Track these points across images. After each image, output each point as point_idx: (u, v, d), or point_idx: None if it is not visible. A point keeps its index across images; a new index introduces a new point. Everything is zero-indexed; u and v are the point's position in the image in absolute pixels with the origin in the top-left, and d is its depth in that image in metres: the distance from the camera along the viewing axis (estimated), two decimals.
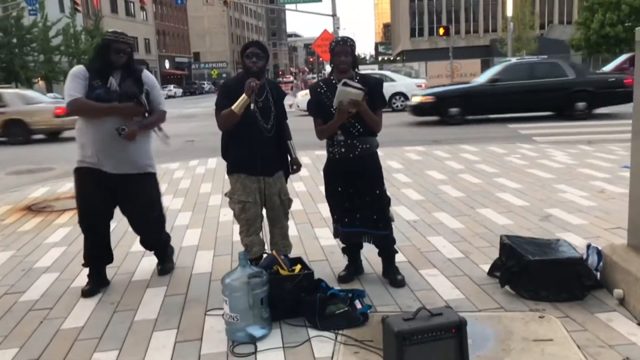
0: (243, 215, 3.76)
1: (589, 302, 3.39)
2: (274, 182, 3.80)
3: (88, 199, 3.87)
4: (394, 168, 8.11)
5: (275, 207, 3.85)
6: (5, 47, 32.10)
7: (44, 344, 3.22)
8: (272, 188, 3.80)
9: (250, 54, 3.62)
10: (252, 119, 3.64)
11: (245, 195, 3.72)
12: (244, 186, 3.72)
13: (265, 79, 3.77)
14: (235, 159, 3.75)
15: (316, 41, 23.24)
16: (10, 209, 6.70)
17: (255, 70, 3.61)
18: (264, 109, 3.70)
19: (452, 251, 4.44)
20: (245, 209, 3.74)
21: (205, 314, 3.50)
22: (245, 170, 3.71)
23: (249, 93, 3.50)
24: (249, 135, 3.67)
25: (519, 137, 11.76)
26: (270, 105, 3.74)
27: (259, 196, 3.76)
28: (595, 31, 28.27)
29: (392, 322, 2.61)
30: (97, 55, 3.93)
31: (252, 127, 3.66)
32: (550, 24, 54.16)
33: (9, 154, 13.31)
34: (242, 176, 3.73)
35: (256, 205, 3.76)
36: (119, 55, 3.78)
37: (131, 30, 58.38)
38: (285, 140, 3.89)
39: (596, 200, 5.78)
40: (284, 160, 3.91)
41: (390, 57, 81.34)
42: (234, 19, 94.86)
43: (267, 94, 3.75)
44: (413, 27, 62.17)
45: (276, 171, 3.81)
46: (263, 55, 3.64)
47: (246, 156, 3.70)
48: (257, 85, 3.52)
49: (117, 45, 3.78)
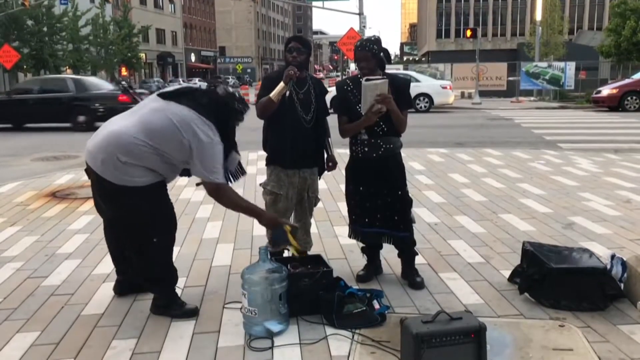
0: (273, 208, 3.79)
1: (611, 313, 3.33)
2: (307, 177, 3.83)
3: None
4: (416, 169, 8.07)
5: (303, 202, 3.88)
6: (36, 35, 32.59)
7: (64, 329, 3.26)
8: (304, 183, 3.83)
9: (291, 49, 3.69)
10: (292, 109, 3.69)
11: (278, 187, 3.76)
12: (278, 178, 3.76)
13: (308, 74, 3.83)
14: (274, 148, 3.79)
15: (342, 39, 23.15)
16: (35, 195, 6.81)
17: (295, 64, 3.67)
18: (304, 101, 3.74)
19: (472, 255, 4.40)
20: (276, 201, 3.78)
21: (223, 306, 3.52)
22: (282, 160, 3.76)
23: (286, 80, 3.57)
24: (289, 124, 3.72)
25: (544, 143, 11.62)
26: (312, 99, 3.79)
27: (292, 190, 3.79)
28: (626, 38, 27.76)
29: (411, 324, 2.60)
30: (220, 124, 3.20)
31: (292, 117, 3.71)
32: (580, 30, 53.31)
33: (35, 140, 13.52)
34: (278, 168, 3.77)
35: (287, 199, 3.79)
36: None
37: (158, 22, 59.12)
38: (324, 137, 3.91)
39: (621, 210, 5.69)
40: (320, 156, 3.94)
41: (415, 58, 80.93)
42: (260, 14, 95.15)
43: (309, 88, 3.80)
44: (440, 28, 61.67)
45: (312, 165, 3.83)
46: (304, 50, 3.70)
47: (284, 145, 3.74)
48: (295, 74, 3.58)
49: (242, 117, 3.31)
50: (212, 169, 3.11)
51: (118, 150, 3.08)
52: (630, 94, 19.47)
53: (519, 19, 59.05)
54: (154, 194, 3.22)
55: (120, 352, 2.98)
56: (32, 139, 13.74)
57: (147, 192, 3.17)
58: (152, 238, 3.24)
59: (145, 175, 3.14)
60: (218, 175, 3.13)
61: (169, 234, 3.34)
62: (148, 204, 3.20)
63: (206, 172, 3.12)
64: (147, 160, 3.11)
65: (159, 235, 3.26)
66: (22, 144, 12.92)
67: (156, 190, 3.22)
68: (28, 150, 11.58)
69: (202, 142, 3.07)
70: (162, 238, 3.29)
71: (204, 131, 3.08)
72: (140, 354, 2.97)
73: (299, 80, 3.74)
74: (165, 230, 3.31)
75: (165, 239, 3.32)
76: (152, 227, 3.24)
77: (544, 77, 25.81)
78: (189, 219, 5.57)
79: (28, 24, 32.49)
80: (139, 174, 3.12)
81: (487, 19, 60.12)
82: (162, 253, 3.33)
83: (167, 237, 3.34)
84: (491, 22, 60.17)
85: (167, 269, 3.40)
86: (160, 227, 3.27)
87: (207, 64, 76.19)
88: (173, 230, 3.38)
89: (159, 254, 3.32)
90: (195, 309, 3.43)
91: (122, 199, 3.15)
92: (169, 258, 3.39)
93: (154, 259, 3.31)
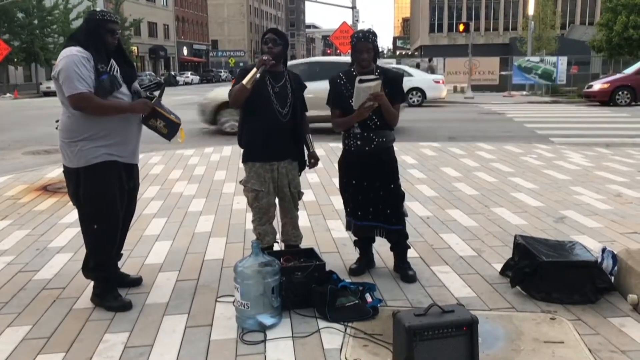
0: (256, 204, 3.78)
1: (602, 306, 3.36)
2: (286, 172, 3.80)
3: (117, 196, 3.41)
4: (408, 163, 8.08)
5: (286, 198, 3.86)
6: (26, 28, 32.34)
7: (56, 322, 3.25)
8: (284, 179, 3.80)
9: (267, 40, 3.70)
10: (267, 103, 3.67)
11: (259, 184, 3.73)
12: (258, 175, 3.73)
13: (287, 70, 3.81)
14: (248, 142, 3.76)
15: (334, 33, 23.06)
16: (26, 188, 6.76)
17: (270, 56, 3.64)
18: (280, 95, 3.71)
19: (464, 249, 4.41)
20: (258, 198, 3.75)
21: (216, 300, 3.52)
22: (257, 155, 3.72)
23: (259, 65, 3.55)
24: (263, 117, 3.69)
25: (536, 137, 11.66)
26: (288, 93, 3.75)
27: (273, 186, 3.77)
28: (617, 33, 27.87)
29: (403, 317, 2.61)
30: (90, 36, 3.30)
31: (267, 111, 3.68)
32: (572, 24, 53.45)
33: (26, 134, 13.43)
34: (257, 165, 3.74)
35: (269, 194, 3.77)
36: (114, 36, 3.38)
37: (150, 15, 58.75)
38: (302, 132, 3.88)
39: (612, 204, 5.72)
40: (298, 151, 3.90)
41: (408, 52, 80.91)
42: (253, 8, 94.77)
43: (286, 82, 3.77)
44: (432, 22, 61.65)
45: (286, 157, 3.80)
46: (280, 42, 3.69)
47: (258, 139, 3.71)
48: (269, 60, 3.56)
49: (111, 26, 3.35)
50: (70, 82, 3.17)
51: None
52: (621, 89, 19.57)
53: (512, 13, 59.14)
54: (94, 176, 3.31)
55: (112, 346, 2.98)
56: (23, 133, 13.65)
57: (89, 172, 3.30)
58: (92, 224, 3.36)
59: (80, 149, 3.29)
60: (78, 85, 3.16)
61: (106, 221, 3.37)
62: (85, 187, 3.32)
63: (66, 87, 3.18)
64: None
65: (98, 222, 3.35)
66: (13, 137, 12.83)
67: (96, 172, 3.30)
68: (19, 144, 11.51)
69: (59, 64, 3.22)
70: (100, 225, 3.36)
71: (62, 54, 3.25)
72: (133, 347, 2.97)
73: (275, 74, 3.72)
74: (102, 217, 3.36)
75: (103, 226, 3.37)
76: (91, 213, 3.36)
77: (536, 72, 25.88)
78: (182, 213, 5.56)
79: (18, 17, 32.25)
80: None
81: (479, 13, 60.16)
82: (98, 240, 3.41)
83: (105, 224, 3.37)
84: (484, 16, 60.22)
85: (102, 255, 3.45)
86: (96, 213, 3.35)
87: (199, 57, 75.84)
88: (112, 218, 3.39)
89: (95, 241, 3.41)
90: (129, 303, 3.44)
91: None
92: (106, 245, 3.43)
93: (91, 245, 3.43)
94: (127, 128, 3.43)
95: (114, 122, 3.34)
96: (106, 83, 3.26)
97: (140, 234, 4.88)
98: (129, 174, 3.51)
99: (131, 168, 3.55)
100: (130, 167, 3.53)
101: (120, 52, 3.48)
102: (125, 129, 3.42)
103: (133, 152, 3.52)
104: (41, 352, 2.93)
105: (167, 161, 8.51)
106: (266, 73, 3.63)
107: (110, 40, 3.37)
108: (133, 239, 4.68)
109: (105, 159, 3.32)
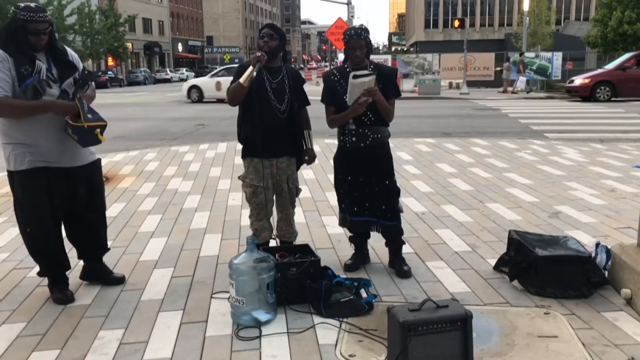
0: (254, 199, 3.78)
1: (596, 301, 3.37)
2: (285, 168, 3.80)
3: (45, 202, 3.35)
4: (403, 159, 8.09)
5: (283, 193, 3.86)
6: None
7: (51, 320, 3.25)
8: (283, 174, 3.80)
9: (263, 34, 3.70)
10: (265, 99, 3.67)
11: (257, 179, 3.74)
12: (257, 170, 3.74)
13: (284, 65, 3.80)
14: (247, 138, 3.76)
15: (330, 29, 23.07)
16: None
17: (266, 50, 3.64)
18: (278, 90, 3.71)
19: (459, 244, 4.43)
20: (256, 193, 3.76)
21: (211, 296, 3.52)
22: (256, 151, 3.72)
23: (254, 63, 3.54)
24: (261, 113, 3.68)
25: (531, 132, 11.68)
26: (285, 89, 3.75)
27: (271, 181, 3.78)
28: (612, 29, 27.90)
29: (398, 312, 2.61)
30: (10, 37, 3.14)
31: (265, 107, 3.68)
32: (567, 20, 53.51)
33: None
34: (255, 160, 3.74)
35: (267, 190, 3.77)
36: (39, 37, 3.16)
37: (145, 11, 58.51)
38: (301, 128, 3.88)
39: (607, 199, 5.74)
40: (297, 147, 3.90)
41: (403, 48, 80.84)
42: (248, 4, 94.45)
43: (284, 77, 3.76)
44: (427, 18, 61.60)
45: (284, 154, 3.80)
46: (276, 37, 3.69)
47: (257, 134, 3.70)
48: (263, 57, 3.55)
49: (35, 26, 3.13)
50: None
51: None
52: (601, 84, 19.37)
53: (507, 9, 59.13)
54: (20, 182, 3.31)
55: (107, 343, 2.98)
56: None
57: (17, 177, 3.31)
58: (25, 227, 3.41)
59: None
60: None
61: (37, 225, 3.38)
62: (15, 192, 3.36)
63: None
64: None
65: (29, 226, 3.40)
66: None
67: (22, 179, 3.29)
68: None
69: None
70: (32, 229, 3.41)
71: None
72: (128, 344, 2.97)
73: (273, 70, 3.71)
74: (31, 222, 3.38)
75: (35, 230, 3.40)
76: (22, 217, 3.40)
77: (531, 68, 25.90)
78: (177, 209, 5.55)
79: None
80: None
81: (475, 9, 60.14)
82: (34, 243, 3.47)
83: (37, 228, 3.39)
84: (479, 12, 60.20)
85: (40, 257, 3.54)
86: (26, 218, 3.39)
87: (194, 54, 75.59)
88: (42, 223, 3.38)
89: (31, 243, 3.48)
90: (70, 297, 3.51)
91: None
92: (42, 248, 3.48)
93: (27, 245, 3.51)
94: (53, 132, 3.25)
95: (39, 126, 3.20)
96: (29, 91, 3.10)
97: (135, 230, 4.87)
98: (65, 178, 3.36)
99: (67, 171, 3.37)
100: (66, 171, 3.36)
101: (54, 50, 3.28)
102: (50, 134, 3.25)
103: (63, 155, 3.32)
104: (36, 349, 2.93)
105: (162, 158, 8.49)
106: (263, 69, 3.62)
107: (34, 42, 3.16)
108: (128, 235, 4.67)
109: (31, 165, 3.25)
